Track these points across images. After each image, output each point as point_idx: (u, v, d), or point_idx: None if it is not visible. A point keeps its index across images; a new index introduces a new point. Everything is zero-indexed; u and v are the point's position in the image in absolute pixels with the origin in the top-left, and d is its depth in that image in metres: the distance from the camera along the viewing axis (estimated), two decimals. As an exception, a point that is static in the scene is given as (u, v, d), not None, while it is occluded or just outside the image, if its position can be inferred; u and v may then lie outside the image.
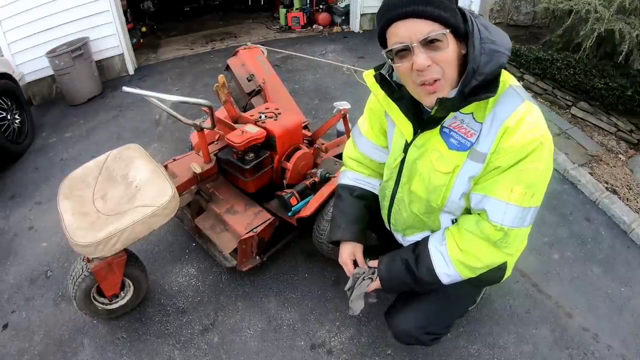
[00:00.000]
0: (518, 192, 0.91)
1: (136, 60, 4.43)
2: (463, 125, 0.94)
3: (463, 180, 0.97)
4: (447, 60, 0.84)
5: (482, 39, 0.84)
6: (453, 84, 0.88)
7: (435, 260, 1.05)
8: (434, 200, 1.04)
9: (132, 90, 1.57)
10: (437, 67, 0.84)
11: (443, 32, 0.81)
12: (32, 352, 1.59)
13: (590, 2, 2.77)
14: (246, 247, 1.67)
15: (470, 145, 0.93)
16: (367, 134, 1.24)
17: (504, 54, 0.85)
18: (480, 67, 0.83)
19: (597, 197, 2.34)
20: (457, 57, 0.86)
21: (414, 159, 1.05)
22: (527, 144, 0.87)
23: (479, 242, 0.99)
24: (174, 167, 1.81)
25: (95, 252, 1.33)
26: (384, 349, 1.56)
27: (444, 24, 0.81)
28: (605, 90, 2.71)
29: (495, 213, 0.94)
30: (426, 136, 1.00)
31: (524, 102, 0.89)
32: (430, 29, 0.80)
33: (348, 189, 1.30)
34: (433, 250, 1.07)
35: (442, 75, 0.85)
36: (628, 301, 1.78)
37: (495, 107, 0.90)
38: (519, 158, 0.88)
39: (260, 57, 2.39)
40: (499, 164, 0.90)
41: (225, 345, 1.59)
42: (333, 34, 5.19)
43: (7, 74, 2.94)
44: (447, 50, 0.83)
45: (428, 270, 1.06)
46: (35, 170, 2.76)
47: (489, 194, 0.94)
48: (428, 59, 0.82)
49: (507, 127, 0.87)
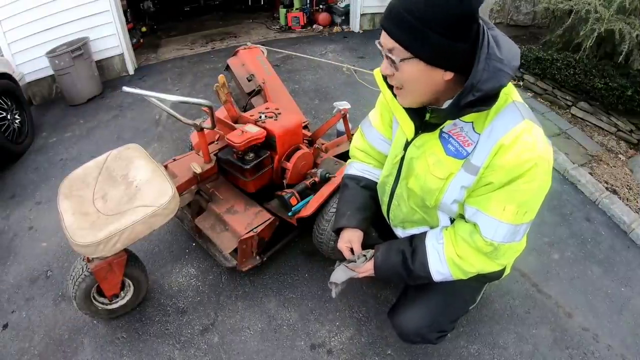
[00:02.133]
0: (510, 211, 0.92)
1: (136, 60, 4.43)
2: (462, 133, 0.95)
3: (455, 188, 0.98)
4: (404, 79, 0.88)
5: (489, 54, 0.81)
6: (416, 97, 0.92)
7: (430, 257, 1.07)
8: (428, 200, 1.06)
9: (132, 90, 1.57)
10: (396, 79, 0.89)
11: (403, 58, 0.83)
12: (32, 352, 1.58)
13: (590, 2, 2.77)
14: (246, 247, 1.67)
15: (466, 155, 0.94)
16: (377, 125, 1.25)
17: (507, 74, 0.82)
18: (480, 84, 0.81)
19: (597, 197, 2.34)
20: (425, 80, 0.86)
21: (411, 158, 1.06)
22: (521, 164, 0.86)
23: (472, 251, 1.02)
24: (174, 167, 1.81)
25: (95, 252, 1.33)
26: (384, 349, 1.56)
27: (404, 48, 0.82)
28: (605, 90, 2.71)
29: (487, 229, 0.96)
30: (425, 137, 1.01)
31: (523, 120, 0.88)
32: (392, 47, 0.84)
33: (354, 179, 1.31)
34: (430, 247, 1.09)
35: (402, 86, 0.90)
36: (628, 301, 1.78)
37: (494, 121, 0.90)
38: (512, 177, 0.88)
39: (260, 57, 2.39)
40: (491, 180, 0.91)
41: (225, 345, 1.59)
42: (333, 34, 5.19)
43: (7, 74, 2.94)
44: (402, 72, 0.86)
45: (422, 265, 1.08)
46: (35, 170, 2.76)
47: (482, 210, 0.95)
48: (388, 69, 0.89)
49: (502, 144, 0.87)
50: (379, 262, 1.16)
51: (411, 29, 0.80)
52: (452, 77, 0.85)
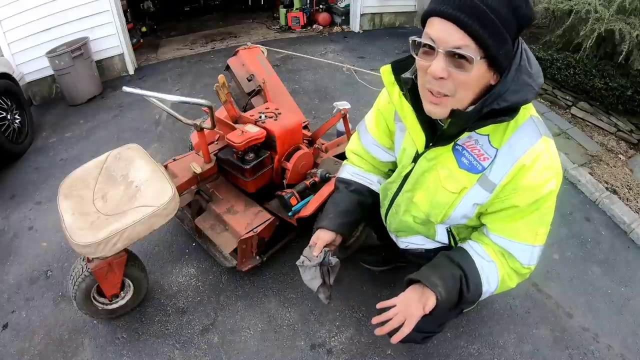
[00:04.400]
0: (542, 233, 0.94)
1: (136, 60, 4.43)
2: (477, 146, 0.91)
3: (468, 204, 0.96)
4: (464, 83, 0.78)
5: (520, 66, 0.79)
6: (462, 105, 0.83)
7: (484, 278, 0.98)
8: (434, 216, 1.03)
9: (132, 90, 1.57)
10: (450, 83, 0.78)
11: (474, 56, 0.73)
12: (32, 352, 1.58)
13: (590, 2, 2.77)
14: (246, 247, 1.67)
15: (481, 170, 0.91)
16: (372, 131, 1.22)
17: (533, 89, 0.80)
18: (507, 94, 0.78)
19: (597, 197, 2.34)
20: (479, 84, 0.80)
21: (422, 171, 1.02)
22: (543, 184, 0.86)
23: (510, 270, 1.00)
24: (174, 167, 1.81)
25: (95, 252, 1.33)
26: (384, 349, 1.56)
27: (482, 47, 0.73)
28: (605, 90, 2.71)
29: (524, 257, 0.96)
30: (438, 151, 0.96)
31: (541, 138, 0.86)
32: (465, 44, 0.73)
33: (345, 183, 1.29)
34: (482, 268, 0.98)
35: (453, 94, 0.80)
36: (628, 301, 1.78)
37: (514, 137, 0.87)
38: (537, 197, 0.87)
39: (260, 57, 2.39)
40: (516, 202, 0.89)
41: (225, 345, 1.59)
42: (333, 34, 5.19)
43: (7, 74, 2.94)
44: (469, 75, 0.76)
45: (476, 289, 0.98)
46: (35, 170, 2.76)
47: (516, 239, 0.94)
48: (444, 71, 0.76)
49: (523, 164, 0.85)
50: (444, 297, 0.94)
51: (493, 25, 0.71)
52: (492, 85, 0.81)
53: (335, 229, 1.18)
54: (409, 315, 0.94)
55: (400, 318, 0.94)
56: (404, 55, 0.98)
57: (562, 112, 3.18)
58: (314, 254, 1.15)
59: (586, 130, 2.97)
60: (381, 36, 5.04)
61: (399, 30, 5.31)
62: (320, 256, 1.15)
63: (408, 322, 0.93)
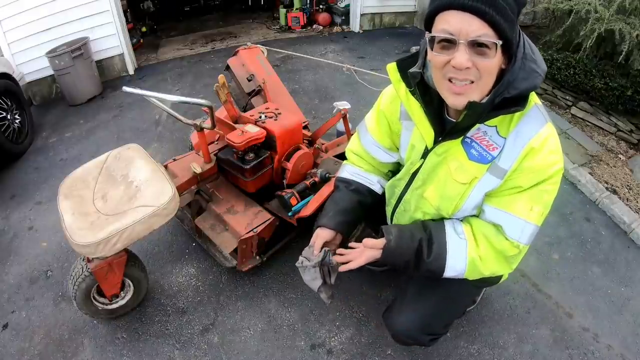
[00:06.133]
0: (537, 211, 0.93)
1: (136, 60, 4.44)
2: (485, 137, 0.94)
3: (479, 194, 0.98)
4: (488, 69, 0.80)
5: (525, 54, 0.83)
6: (484, 92, 0.85)
7: (450, 251, 1.01)
8: (445, 209, 1.04)
9: (132, 90, 1.57)
10: (475, 71, 0.81)
11: (495, 42, 0.76)
12: (32, 352, 1.58)
13: (590, 2, 2.77)
14: (246, 247, 1.67)
15: (491, 159, 0.93)
16: (373, 131, 1.22)
17: (540, 75, 0.84)
18: (516, 82, 0.82)
19: (597, 197, 2.34)
20: (497, 68, 0.83)
21: (433, 166, 1.03)
22: (549, 166, 0.88)
23: (494, 253, 0.99)
24: (174, 167, 1.81)
25: (95, 252, 1.33)
26: (384, 349, 1.56)
27: (499, 33, 0.76)
28: (605, 90, 2.71)
29: (513, 230, 0.95)
30: (448, 145, 0.98)
31: (547, 124, 0.90)
32: (485, 32, 0.76)
33: (345, 182, 1.29)
34: (451, 241, 1.01)
35: (478, 79, 0.82)
36: (628, 301, 1.78)
37: (520, 124, 0.90)
38: (541, 179, 0.89)
39: (260, 57, 2.39)
40: (520, 183, 0.91)
41: (225, 345, 1.59)
42: (333, 34, 5.20)
43: (7, 74, 2.94)
44: (492, 60, 0.79)
45: (438, 257, 1.01)
46: (35, 170, 2.76)
47: (508, 210, 0.94)
48: (469, 61, 0.78)
49: (532, 147, 0.88)
50: (392, 244, 1.03)
51: (505, 10, 0.75)
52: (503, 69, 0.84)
53: (335, 227, 1.19)
54: (362, 253, 1.06)
55: (356, 254, 1.07)
56: (404, 55, 1.01)
57: (562, 112, 3.18)
58: (314, 252, 1.15)
59: (586, 130, 2.97)
60: (381, 36, 5.04)
61: (399, 30, 5.32)
62: (320, 255, 1.14)
63: (359, 257, 1.05)
